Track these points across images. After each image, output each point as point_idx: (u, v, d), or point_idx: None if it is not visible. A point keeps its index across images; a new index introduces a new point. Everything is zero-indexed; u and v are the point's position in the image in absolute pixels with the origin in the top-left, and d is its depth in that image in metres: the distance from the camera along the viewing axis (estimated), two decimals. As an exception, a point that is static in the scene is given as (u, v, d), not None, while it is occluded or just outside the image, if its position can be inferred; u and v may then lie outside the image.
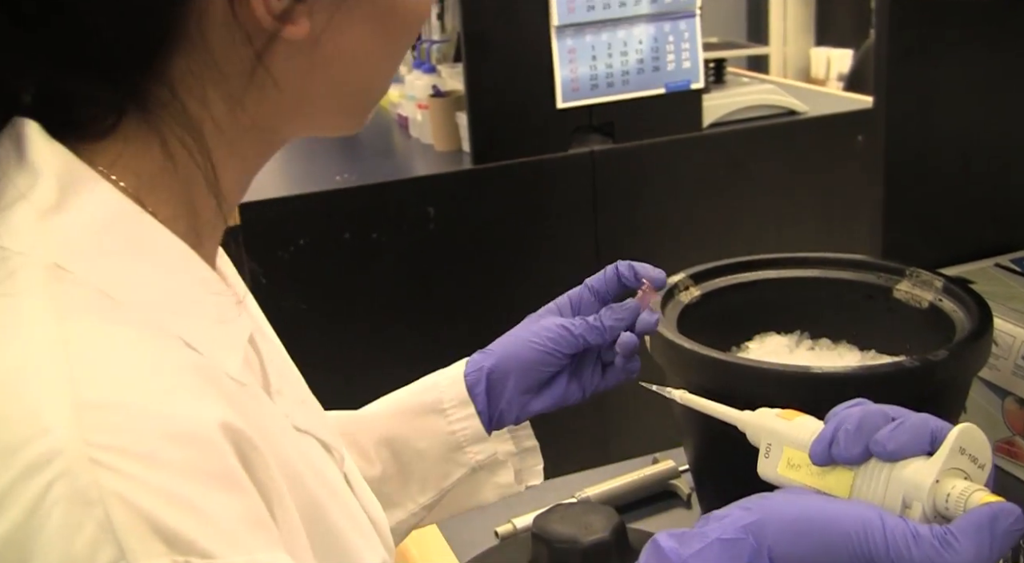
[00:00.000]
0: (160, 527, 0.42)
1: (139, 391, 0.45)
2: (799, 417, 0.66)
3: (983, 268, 1.13)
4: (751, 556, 0.57)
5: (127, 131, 0.53)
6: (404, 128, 2.37)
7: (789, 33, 5.23)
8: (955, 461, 0.58)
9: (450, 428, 0.83)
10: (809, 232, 2.12)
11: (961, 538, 0.54)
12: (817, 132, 2.17)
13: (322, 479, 0.60)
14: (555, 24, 1.94)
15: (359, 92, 0.60)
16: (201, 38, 0.52)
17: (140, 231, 0.51)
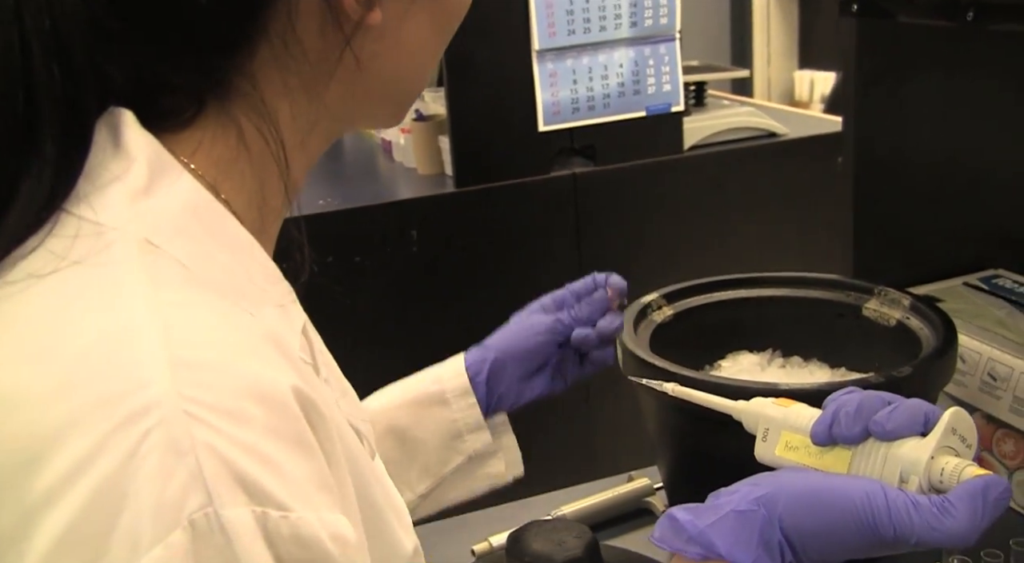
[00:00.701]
0: (243, 478, 0.45)
1: (226, 353, 0.47)
2: (795, 405, 0.70)
3: (952, 287, 1.15)
4: (763, 526, 0.61)
5: (206, 122, 0.56)
6: (387, 152, 2.39)
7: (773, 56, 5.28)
8: (947, 440, 0.63)
9: (452, 417, 0.91)
10: (790, 252, 2.14)
11: (958, 505, 0.59)
12: (797, 154, 2.20)
13: (367, 464, 0.63)
14: (536, 48, 1.97)
15: (411, 83, 0.64)
16: (290, 26, 0.56)
17: (214, 219, 0.54)
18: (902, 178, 1.15)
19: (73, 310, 0.48)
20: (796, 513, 0.61)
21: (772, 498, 0.62)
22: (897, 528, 0.60)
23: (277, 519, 0.45)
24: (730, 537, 0.61)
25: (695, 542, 0.62)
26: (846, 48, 1.09)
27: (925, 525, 0.59)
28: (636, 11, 2.02)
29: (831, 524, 0.61)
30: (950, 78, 1.13)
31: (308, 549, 0.46)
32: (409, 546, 0.65)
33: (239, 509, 0.44)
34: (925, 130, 1.14)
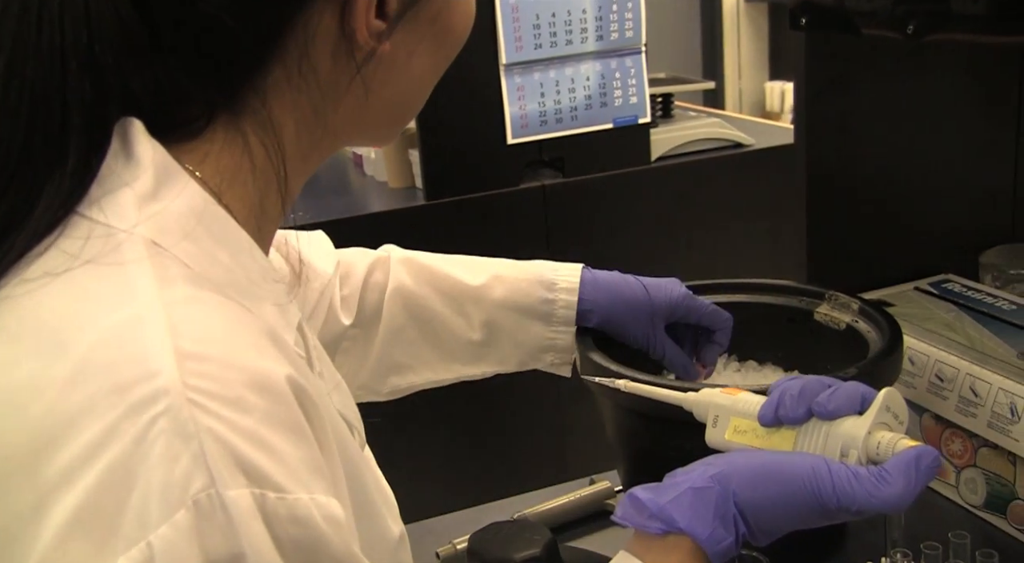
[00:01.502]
0: (243, 461, 0.48)
1: (227, 346, 0.51)
2: (741, 393, 0.76)
3: (904, 291, 1.19)
4: (719, 500, 0.67)
5: (215, 134, 0.59)
6: (359, 166, 2.41)
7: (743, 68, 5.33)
8: (882, 417, 0.70)
9: (549, 334, 1.00)
10: (756, 260, 2.17)
11: (894, 473, 0.66)
12: (762, 164, 2.23)
13: (356, 453, 0.66)
14: (503, 62, 1.99)
15: (413, 106, 0.68)
16: (306, 51, 0.59)
17: (216, 223, 0.57)
18: (853, 186, 1.18)
19: (87, 305, 0.51)
20: (749, 488, 0.67)
21: (726, 475, 0.67)
22: (840, 497, 0.65)
23: (275, 500, 0.49)
24: (688, 511, 0.66)
25: (656, 518, 0.67)
26: (796, 60, 1.12)
27: (865, 493, 0.65)
28: (602, 25, 2.05)
29: (781, 496, 0.66)
30: (898, 88, 1.16)
31: (304, 528, 0.50)
32: (396, 532, 0.69)
33: (239, 490, 0.48)
34: (875, 139, 1.17)
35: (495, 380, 1.03)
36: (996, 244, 1.24)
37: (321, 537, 0.50)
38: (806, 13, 1.05)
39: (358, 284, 1.00)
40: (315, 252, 0.98)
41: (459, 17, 0.66)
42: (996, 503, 1.01)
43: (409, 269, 1.01)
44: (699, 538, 0.66)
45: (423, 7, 0.62)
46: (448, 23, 0.65)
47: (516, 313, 1.00)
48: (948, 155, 1.21)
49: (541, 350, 1.02)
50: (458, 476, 2.03)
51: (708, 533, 0.66)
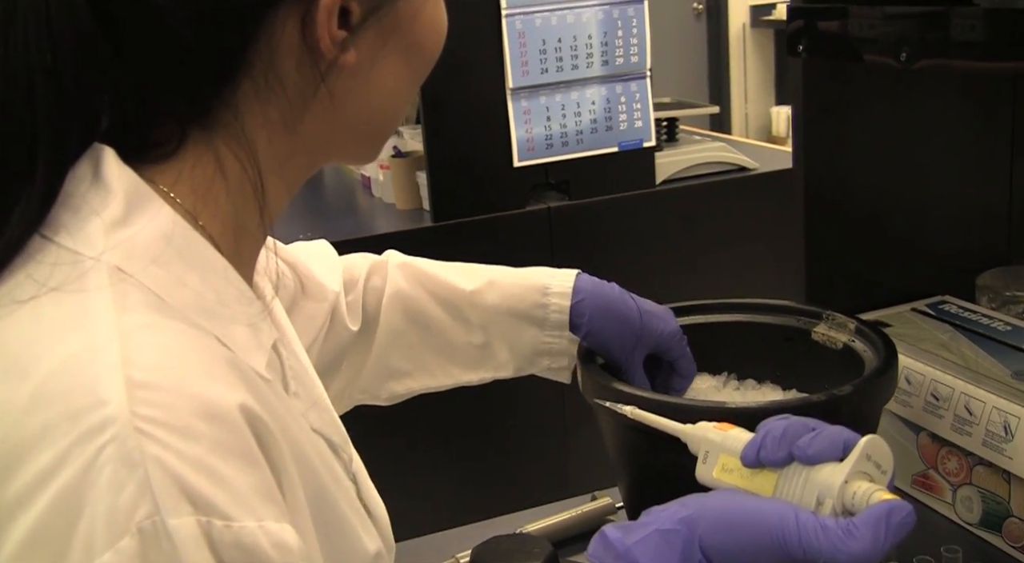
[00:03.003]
0: (189, 490, 0.49)
1: (179, 374, 0.52)
2: (733, 429, 0.75)
3: (901, 312, 1.20)
4: (684, 545, 0.66)
5: (188, 153, 0.61)
6: (367, 188, 2.44)
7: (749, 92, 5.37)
8: (862, 465, 0.68)
9: (543, 338, 1.00)
10: (758, 281, 2.19)
11: (862, 528, 0.64)
12: (764, 187, 2.26)
13: (331, 473, 0.67)
14: (510, 86, 2.03)
15: (384, 121, 0.68)
16: (270, 62, 0.60)
17: (188, 246, 0.59)
18: (852, 209, 1.20)
19: (48, 333, 0.53)
20: (715, 533, 0.66)
21: (694, 519, 0.67)
22: (806, 549, 0.64)
23: (220, 528, 0.50)
24: (653, 554, 0.66)
25: (622, 559, 0.66)
26: (794, 85, 1.14)
27: (831, 547, 0.64)
28: (607, 50, 2.08)
29: (746, 544, 0.65)
30: (894, 112, 1.19)
31: (250, 555, 0.50)
32: (371, 549, 0.69)
33: (184, 518, 0.49)
34: (872, 162, 1.19)
35: (498, 398, 1.04)
36: (992, 266, 1.26)
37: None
38: (804, 39, 1.08)
39: (360, 289, 1.01)
40: (323, 268, 0.99)
41: (427, 31, 0.66)
42: (991, 521, 1.02)
43: (406, 274, 1.02)
44: None
45: (387, 17, 0.63)
46: (416, 36, 0.65)
47: (510, 317, 1.00)
48: (945, 178, 1.24)
49: (536, 354, 1.02)
50: (461, 492, 2.05)
51: None
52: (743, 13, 5.34)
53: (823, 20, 1.04)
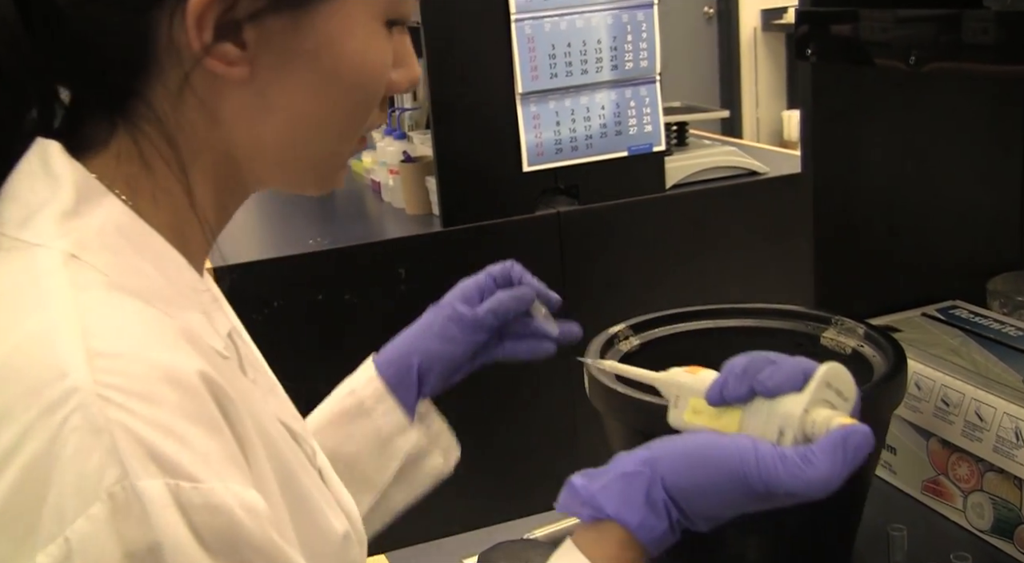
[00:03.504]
0: (155, 453, 0.50)
1: (138, 343, 0.53)
2: (702, 371, 0.76)
3: (911, 317, 1.20)
4: (648, 486, 0.66)
5: (117, 148, 0.61)
6: (376, 193, 2.44)
7: (761, 96, 5.36)
8: (822, 394, 0.68)
9: (376, 424, 0.89)
10: (768, 286, 2.18)
11: (819, 454, 0.64)
12: (774, 191, 2.25)
13: (296, 456, 0.67)
14: (519, 91, 2.03)
15: (309, 150, 0.66)
16: (173, 62, 0.60)
17: (138, 235, 0.60)
18: (861, 213, 1.20)
19: (5, 315, 0.54)
20: (676, 472, 0.66)
21: (656, 459, 0.67)
22: (766, 480, 0.64)
23: (189, 489, 0.50)
24: (618, 498, 0.66)
25: (587, 505, 0.67)
26: (803, 89, 1.14)
27: (790, 475, 0.64)
28: (617, 54, 2.08)
29: (708, 480, 0.66)
30: (904, 116, 1.18)
31: (220, 516, 0.51)
32: (340, 529, 0.69)
33: (153, 481, 0.49)
34: (882, 167, 1.19)
35: (507, 404, 1.02)
36: (1004, 271, 1.25)
37: (239, 524, 0.52)
38: (812, 43, 1.07)
39: None
40: None
41: (347, 63, 0.63)
42: (1003, 527, 1.01)
43: None
44: (629, 525, 0.66)
45: (289, 39, 0.61)
46: (331, 66, 0.62)
47: (334, 426, 0.91)
48: (955, 182, 1.23)
49: (381, 445, 0.90)
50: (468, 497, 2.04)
51: (638, 520, 0.66)
52: (754, 17, 5.33)
53: (831, 24, 1.04)
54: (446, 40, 1.97)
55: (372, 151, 2.53)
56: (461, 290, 0.92)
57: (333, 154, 0.68)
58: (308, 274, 1.97)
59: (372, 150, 2.53)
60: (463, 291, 0.92)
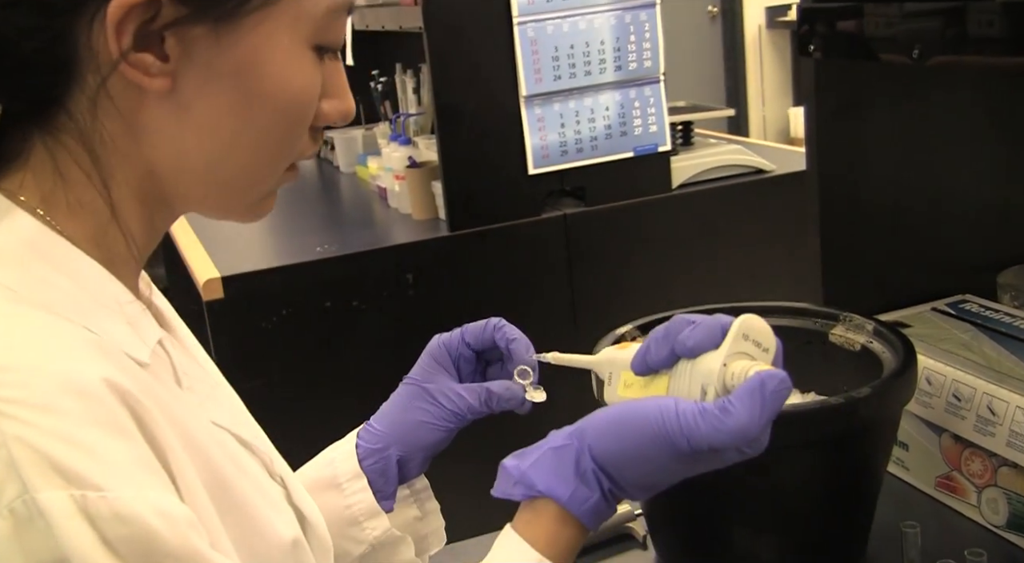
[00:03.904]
0: (56, 464, 0.49)
1: (38, 355, 0.52)
2: (632, 346, 0.75)
3: (921, 312, 1.19)
4: (576, 456, 0.66)
5: (32, 158, 0.60)
6: (383, 199, 2.44)
7: (767, 94, 5.35)
8: (740, 347, 0.68)
9: (346, 502, 0.84)
10: (776, 284, 2.18)
11: (737, 403, 0.64)
12: (781, 189, 2.25)
13: (235, 462, 0.65)
14: (523, 94, 2.02)
15: (232, 172, 0.64)
16: (93, 69, 0.59)
17: (55, 251, 0.59)
18: (868, 209, 1.19)
19: None
20: (603, 440, 0.66)
21: (582, 430, 0.67)
22: (689, 436, 0.64)
23: (96, 500, 0.49)
24: (548, 473, 0.66)
25: (520, 483, 0.67)
26: (806, 86, 1.13)
27: (711, 428, 0.64)
28: (620, 55, 2.08)
29: (632, 444, 0.65)
30: (909, 111, 1.17)
31: (131, 525, 0.50)
32: (288, 536, 0.67)
33: (55, 492, 0.49)
34: (888, 162, 1.18)
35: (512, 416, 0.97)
36: (1013, 264, 1.24)
37: (153, 532, 0.51)
38: (815, 39, 1.07)
39: None
40: None
41: (272, 85, 0.62)
42: (1018, 523, 1.00)
43: None
44: (560, 499, 0.66)
45: (210, 53, 0.60)
46: (256, 85, 0.61)
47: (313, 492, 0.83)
48: (962, 175, 1.22)
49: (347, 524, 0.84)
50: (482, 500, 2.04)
51: (569, 493, 0.66)
52: (759, 15, 5.32)
53: (834, 19, 1.03)
54: (449, 44, 1.97)
55: (378, 157, 2.53)
56: (434, 359, 0.87)
57: (258, 179, 0.66)
58: (316, 281, 1.97)
59: (377, 156, 2.54)
60: (437, 360, 0.87)
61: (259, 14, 0.60)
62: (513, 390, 0.85)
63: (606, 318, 1.11)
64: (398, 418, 0.85)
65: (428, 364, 0.87)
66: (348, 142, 2.90)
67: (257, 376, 1.93)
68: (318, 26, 0.63)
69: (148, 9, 0.57)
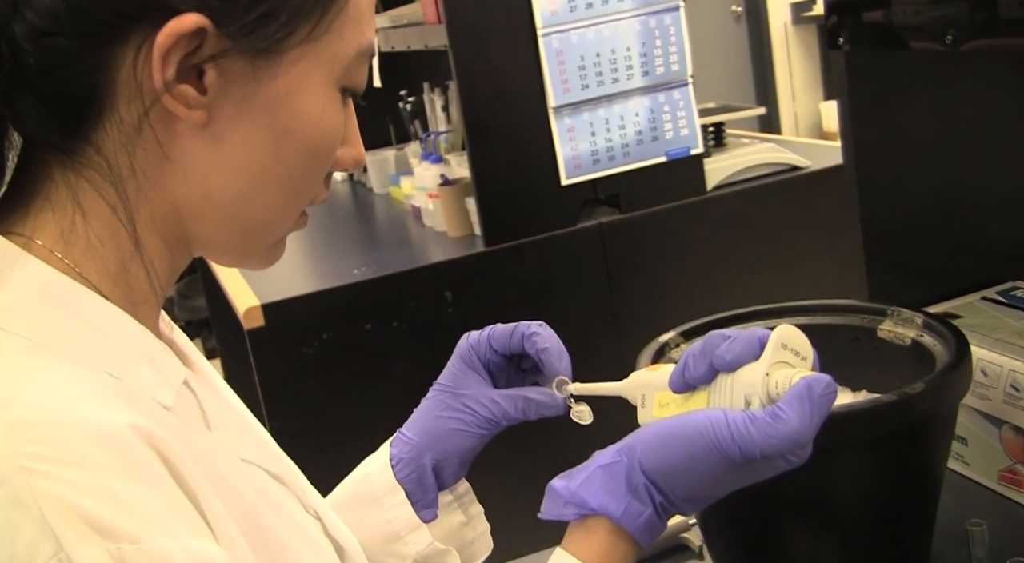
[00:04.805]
0: (90, 519, 0.48)
1: (59, 407, 0.51)
2: (663, 367, 0.75)
3: (970, 302, 1.16)
4: (628, 473, 0.66)
5: (50, 195, 0.59)
6: (417, 217, 2.44)
7: (797, 90, 5.31)
8: (780, 356, 0.68)
9: (386, 517, 0.83)
10: (818, 281, 2.15)
11: (786, 409, 0.64)
12: (818, 184, 2.22)
13: (267, 498, 0.65)
14: (552, 105, 2.02)
15: (254, 209, 0.63)
16: (128, 102, 0.58)
17: (71, 297, 0.58)
18: (908, 200, 1.17)
19: None
20: (653, 453, 0.66)
21: (631, 446, 0.67)
22: (741, 445, 0.64)
23: (132, 552, 0.48)
24: (600, 491, 0.66)
25: (570, 504, 0.66)
26: (838, 80, 1.12)
27: (763, 435, 0.64)
28: (647, 60, 2.07)
29: (684, 456, 0.65)
30: (944, 98, 1.15)
31: None
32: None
33: (91, 548, 0.48)
34: (925, 151, 1.16)
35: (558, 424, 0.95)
36: (1063, 247, 1.21)
37: None
38: (844, 31, 1.05)
39: None
40: None
41: (303, 121, 0.62)
42: (1085, 513, 0.98)
43: None
44: (613, 515, 0.65)
45: (248, 87, 0.60)
46: (289, 120, 0.61)
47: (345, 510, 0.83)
48: (1003, 160, 1.19)
49: (389, 540, 0.83)
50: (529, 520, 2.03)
51: (623, 508, 0.65)
52: (784, 11, 5.28)
53: (862, 11, 1.01)
54: (475, 60, 1.97)
55: (410, 176, 2.53)
56: (464, 363, 0.85)
57: (279, 220, 0.65)
58: (355, 304, 1.97)
59: (410, 175, 2.54)
60: (468, 364, 0.84)
61: (298, 51, 0.61)
62: (555, 398, 0.83)
63: (648, 325, 1.09)
64: (430, 426, 0.84)
65: (458, 368, 0.85)
66: (380, 163, 2.91)
67: (301, 401, 1.93)
68: (347, 68, 0.63)
69: (194, 40, 0.57)
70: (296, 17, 0.60)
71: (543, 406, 0.83)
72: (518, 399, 0.83)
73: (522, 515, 1.00)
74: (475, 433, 0.83)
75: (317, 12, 0.61)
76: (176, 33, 0.56)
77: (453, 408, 0.83)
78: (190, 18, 0.56)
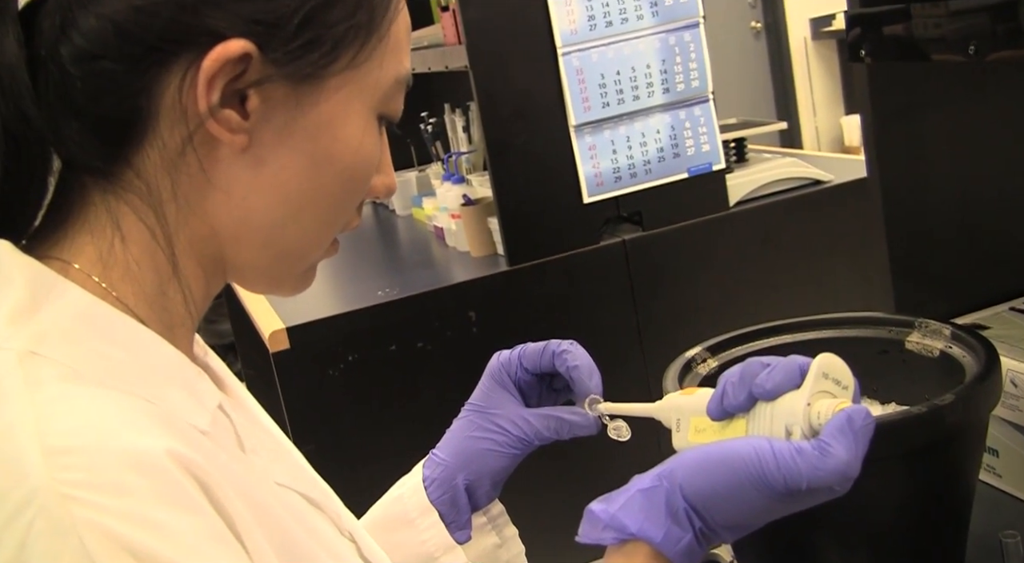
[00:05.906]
0: (128, 545, 0.48)
1: (98, 434, 0.51)
2: (698, 391, 0.74)
3: (998, 313, 1.16)
4: (668, 498, 0.65)
5: (88, 218, 0.60)
6: (440, 238, 2.45)
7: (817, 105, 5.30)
8: (821, 385, 0.67)
9: (420, 538, 0.83)
10: (843, 295, 2.14)
11: (832, 442, 0.63)
12: (841, 198, 2.21)
13: (304, 525, 0.65)
14: (573, 124, 2.02)
15: (290, 235, 0.64)
16: (170, 126, 0.58)
17: (108, 322, 0.58)
18: (933, 212, 1.17)
19: None
20: (695, 479, 0.65)
21: (672, 471, 0.66)
22: (786, 476, 0.63)
23: None
24: (639, 515, 0.65)
25: (609, 527, 0.65)
26: (860, 92, 1.12)
27: (810, 467, 0.63)
28: (667, 77, 2.07)
29: (726, 483, 0.64)
30: (967, 110, 1.15)
31: None
32: None
33: None
34: (949, 163, 1.16)
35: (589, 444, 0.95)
36: (1091, 257, 1.20)
37: None
38: (865, 44, 1.05)
39: None
40: None
41: (341, 146, 0.62)
42: (1121, 524, 0.96)
43: None
44: (653, 540, 0.64)
45: (291, 112, 0.60)
46: (328, 146, 0.62)
47: (379, 532, 0.84)
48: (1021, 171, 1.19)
49: (424, 561, 0.84)
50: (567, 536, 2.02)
51: (663, 534, 0.64)
52: (803, 27, 5.28)
53: (883, 24, 1.01)
54: (495, 80, 1.98)
55: (432, 197, 2.54)
56: (496, 382, 0.85)
57: (313, 246, 0.66)
58: (380, 325, 1.98)
59: (432, 196, 2.55)
60: (499, 383, 0.85)
61: (340, 78, 0.61)
62: (587, 417, 0.83)
63: (673, 341, 1.09)
64: (462, 446, 0.84)
65: (489, 387, 0.86)
66: (403, 185, 2.92)
67: (328, 423, 1.94)
68: (386, 95, 0.64)
69: (239, 65, 0.58)
70: (340, 45, 0.61)
71: (576, 425, 0.83)
72: (550, 418, 0.83)
73: (555, 536, 1.00)
74: (507, 453, 0.83)
75: (360, 40, 0.61)
76: (222, 58, 0.57)
77: (485, 428, 0.84)
78: (236, 44, 0.57)
